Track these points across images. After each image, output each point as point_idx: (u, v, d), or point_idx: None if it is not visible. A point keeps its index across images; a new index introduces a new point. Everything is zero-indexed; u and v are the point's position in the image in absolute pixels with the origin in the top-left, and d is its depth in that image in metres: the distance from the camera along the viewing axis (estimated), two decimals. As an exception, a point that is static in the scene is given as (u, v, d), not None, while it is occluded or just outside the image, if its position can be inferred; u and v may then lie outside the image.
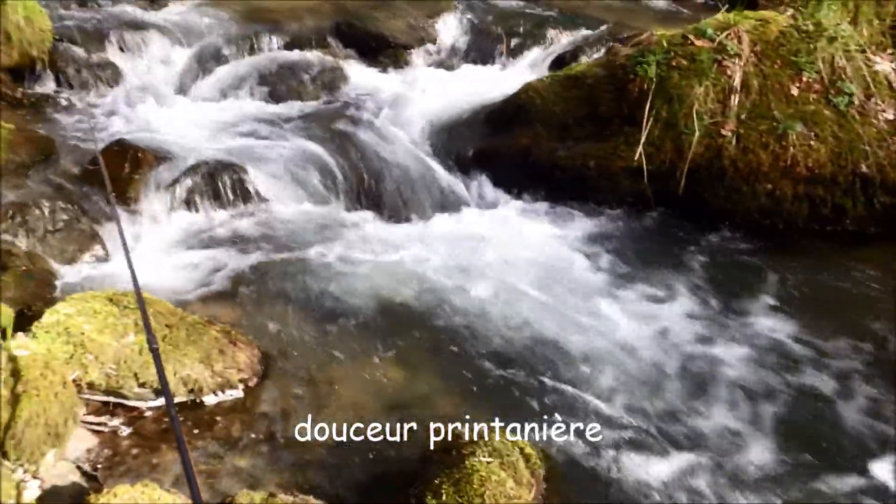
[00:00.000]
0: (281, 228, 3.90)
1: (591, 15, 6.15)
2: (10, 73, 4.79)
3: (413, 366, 3.01)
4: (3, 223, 3.46)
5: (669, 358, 3.08)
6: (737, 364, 3.06)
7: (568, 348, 3.11)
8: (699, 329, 3.26)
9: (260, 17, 5.87)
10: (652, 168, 4.06)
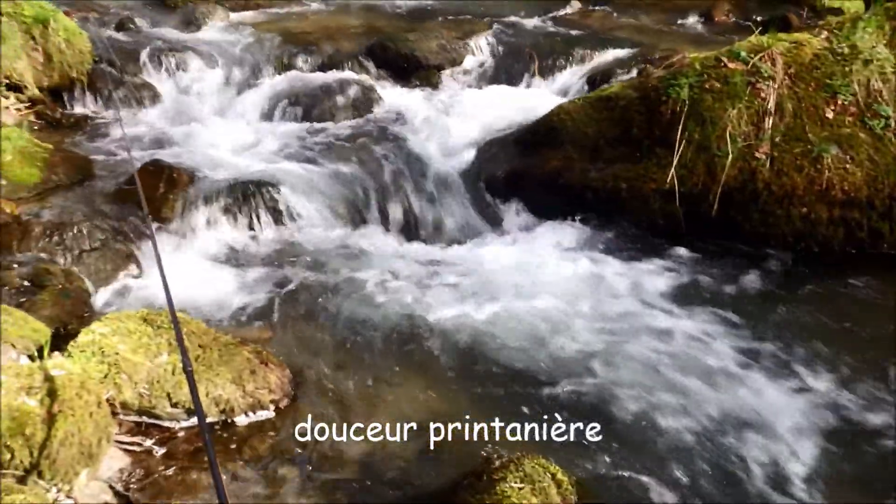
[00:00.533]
0: (312, 249, 3.92)
1: (622, 36, 6.15)
2: (50, 93, 4.91)
3: (444, 388, 3.00)
4: (41, 242, 3.53)
5: (710, 387, 3.02)
6: (781, 399, 2.98)
7: (593, 372, 3.07)
8: (731, 354, 3.20)
9: (294, 38, 5.95)
10: (684, 190, 4.03)
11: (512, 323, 3.36)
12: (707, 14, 6.70)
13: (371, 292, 3.56)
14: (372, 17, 6.62)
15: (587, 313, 3.49)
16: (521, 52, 5.93)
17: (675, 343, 3.28)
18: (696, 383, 3.00)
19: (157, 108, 5.10)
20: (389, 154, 4.64)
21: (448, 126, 5.01)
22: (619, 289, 3.72)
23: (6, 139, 3.93)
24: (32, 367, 2.41)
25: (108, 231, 3.70)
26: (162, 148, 4.56)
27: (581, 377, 3.04)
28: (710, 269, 3.87)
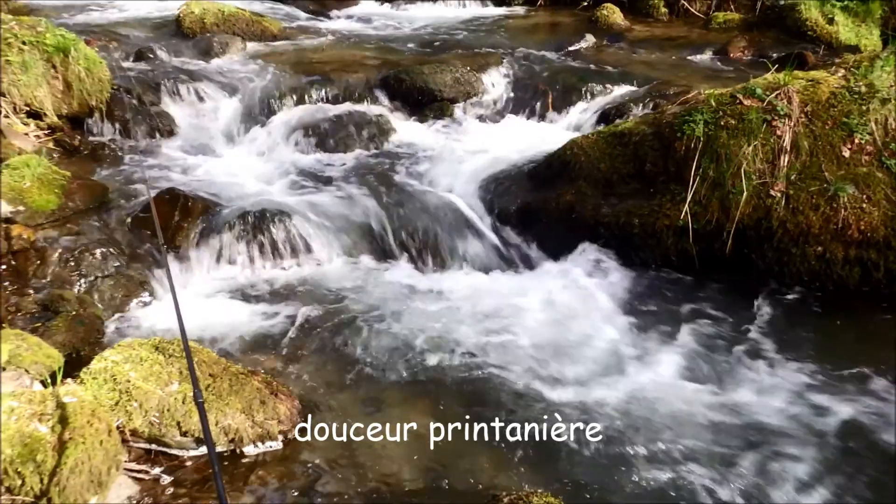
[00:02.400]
0: (324, 280, 3.93)
1: (636, 71, 6.17)
2: (69, 121, 4.97)
3: (452, 424, 2.96)
4: (57, 268, 3.55)
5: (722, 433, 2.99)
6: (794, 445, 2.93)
7: (601, 410, 3.04)
8: (740, 397, 3.16)
9: (310, 69, 5.99)
10: (698, 227, 4.01)
11: (524, 359, 3.34)
12: (722, 50, 6.72)
13: (382, 324, 3.55)
14: (387, 50, 6.68)
15: (596, 346, 3.48)
16: (535, 86, 5.96)
17: (684, 383, 3.25)
18: (707, 423, 2.97)
19: (174, 137, 5.15)
20: (402, 186, 4.66)
21: (461, 159, 5.03)
22: (627, 324, 3.69)
23: (26, 166, 3.97)
24: (45, 394, 2.41)
25: (123, 258, 3.73)
26: (178, 176, 4.60)
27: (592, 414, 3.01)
28: (723, 306, 3.84)
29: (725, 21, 7.62)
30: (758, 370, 3.32)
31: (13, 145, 4.39)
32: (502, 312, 3.69)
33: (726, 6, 8.03)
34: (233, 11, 6.77)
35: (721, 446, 2.86)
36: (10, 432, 2.20)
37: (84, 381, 2.64)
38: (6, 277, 3.50)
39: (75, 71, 4.84)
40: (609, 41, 7.16)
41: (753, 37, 6.87)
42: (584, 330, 3.56)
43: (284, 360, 3.32)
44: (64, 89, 4.85)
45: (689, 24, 7.86)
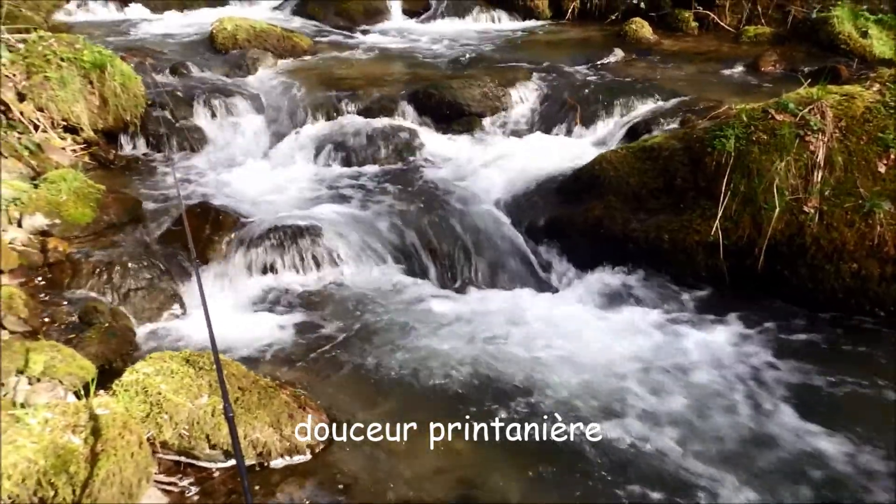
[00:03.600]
0: (352, 293, 3.94)
1: (665, 86, 6.13)
2: (104, 135, 5.07)
3: (478, 439, 2.95)
4: (91, 280, 3.61)
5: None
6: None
7: (628, 434, 3.00)
8: (773, 421, 3.10)
9: (339, 84, 6.05)
10: (729, 243, 3.97)
11: (554, 374, 3.31)
12: (753, 64, 6.65)
13: (408, 337, 3.55)
14: (415, 65, 6.73)
15: (622, 362, 3.44)
16: (564, 101, 5.95)
17: (712, 398, 3.20)
18: (734, 446, 2.92)
19: (206, 151, 5.23)
20: (430, 200, 4.68)
21: (489, 173, 5.03)
22: (656, 341, 3.65)
23: (62, 180, 4.05)
24: (78, 406, 2.44)
25: (155, 271, 3.78)
26: (209, 190, 4.66)
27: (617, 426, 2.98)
28: (754, 324, 3.78)
29: (756, 35, 7.55)
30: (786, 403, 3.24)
31: (51, 159, 4.48)
32: (530, 326, 3.67)
33: (757, 20, 7.96)
34: (264, 28, 6.86)
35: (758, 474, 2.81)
36: (43, 443, 2.24)
37: (116, 392, 2.68)
38: (42, 289, 3.56)
39: (111, 87, 4.93)
40: (638, 55, 7.13)
41: (785, 51, 6.80)
42: (614, 347, 3.53)
43: (312, 373, 3.33)
44: (100, 104, 4.95)
45: (720, 38, 7.80)
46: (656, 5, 8.21)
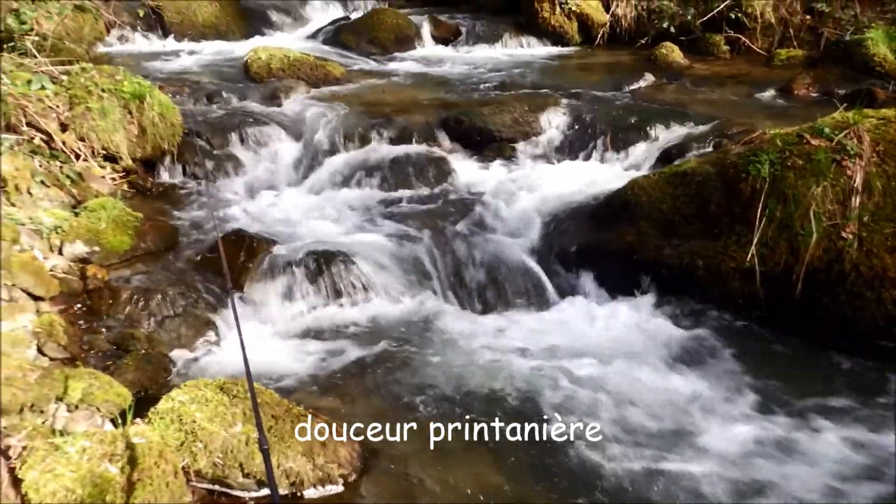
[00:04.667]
0: (384, 319, 3.95)
1: (697, 110, 6.10)
2: (142, 164, 5.17)
3: (513, 470, 2.93)
4: (128, 307, 3.67)
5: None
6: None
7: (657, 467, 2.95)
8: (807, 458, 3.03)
9: (371, 111, 6.10)
10: (765, 270, 3.92)
11: (588, 406, 3.28)
12: (786, 88, 6.60)
13: (441, 366, 3.54)
14: (446, 91, 6.77)
15: (657, 389, 3.41)
16: (594, 126, 5.94)
17: (751, 432, 3.14)
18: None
19: (241, 179, 5.30)
20: (462, 226, 4.69)
21: (520, 198, 5.03)
22: (690, 369, 3.61)
23: (102, 208, 4.14)
24: (115, 434, 2.47)
25: (190, 298, 3.83)
26: (243, 217, 4.72)
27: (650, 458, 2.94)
28: (791, 352, 3.73)
29: (788, 58, 7.50)
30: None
31: (91, 188, 4.58)
32: (563, 354, 3.65)
33: (789, 43, 7.91)
34: (297, 57, 6.97)
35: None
36: (81, 472, 2.27)
37: (152, 421, 2.71)
38: (81, 316, 3.63)
39: (150, 116, 5.04)
40: (668, 80, 7.12)
41: (818, 73, 6.74)
42: (647, 376, 3.49)
43: (344, 401, 3.33)
44: (139, 134, 5.06)
45: (751, 61, 7.76)
46: (686, 29, 8.20)
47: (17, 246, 3.74)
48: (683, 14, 8.19)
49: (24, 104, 4.67)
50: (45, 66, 5.14)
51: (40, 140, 4.71)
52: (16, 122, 4.64)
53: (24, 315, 3.35)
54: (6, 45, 5.43)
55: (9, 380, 2.69)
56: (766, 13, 7.92)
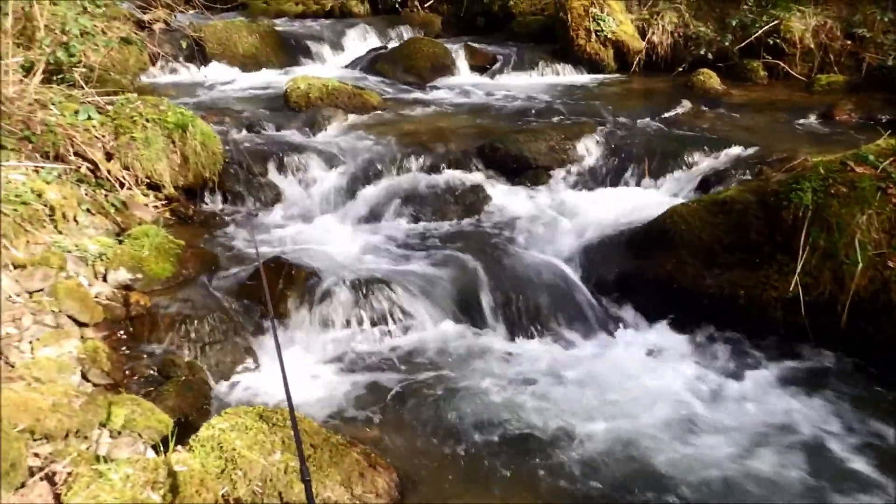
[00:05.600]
0: (422, 348, 3.95)
1: (736, 136, 6.04)
2: (184, 191, 5.26)
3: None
4: (169, 334, 3.72)
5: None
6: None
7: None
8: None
9: (408, 139, 6.15)
10: (809, 299, 3.85)
11: (629, 436, 3.23)
12: (827, 113, 6.51)
13: (480, 394, 3.53)
14: (482, 119, 6.81)
15: (697, 424, 3.35)
16: (631, 153, 5.92)
17: (795, 468, 3.07)
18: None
19: (280, 207, 5.37)
20: (498, 253, 4.68)
21: (557, 226, 5.02)
22: (734, 401, 3.55)
23: (145, 236, 4.22)
24: (157, 462, 2.50)
25: (230, 325, 3.87)
26: (282, 245, 4.77)
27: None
28: (837, 385, 3.64)
29: (829, 83, 7.41)
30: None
31: (135, 216, 4.68)
32: (603, 384, 3.61)
33: (829, 68, 7.82)
34: (336, 86, 7.07)
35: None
36: (125, 499, 2.29)
37: (193, 448, 2.73)
38: (124, 342, 3.68)
39: (192, 145, 5.15)
40: (706, 106, 7.07)
41: (860, 99, 6.65)
42: (692, 409, 3.43)
43: (382, 430, 3.33)
44: (181, 162, 5.16)
45: (790, 87, 7.68)
46: (723, 55, 8.16)
47: (63, 273, 3.82)
48: (721, 40, 8.15)
49: (71, 134, 4.80)
50: (91, 97, 5.28)
51: (87, 169, 4.83)
52: (64, 152, 4.76)
53: (70, 341, 3.41)
54: (55, 77, 5.60)
55: (55, 406, 2.74)
56: (805, 39, 7.84)
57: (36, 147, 4.63)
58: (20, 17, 5.66)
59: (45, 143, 4.64)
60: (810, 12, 7.95)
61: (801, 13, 7.94)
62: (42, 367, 3.12)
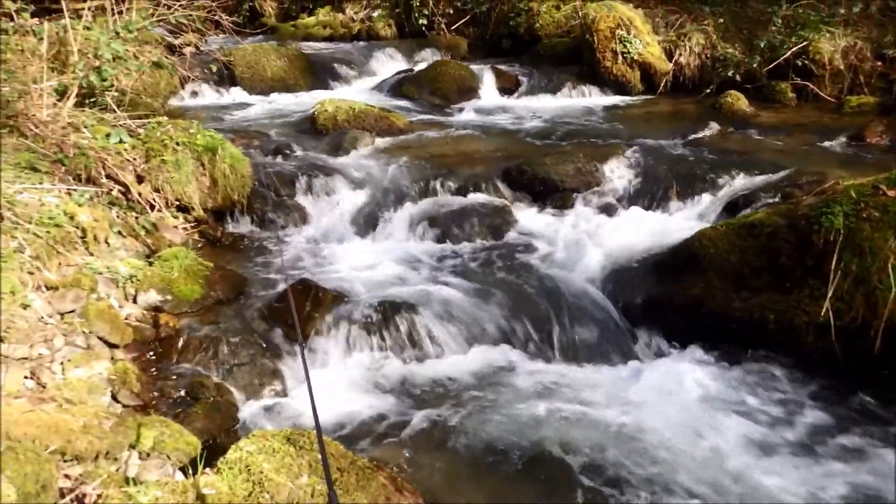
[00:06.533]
0: (448, 371, 3.94)
1: (764, 159, 6.00)
2: (213, 214, 5.33)
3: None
4: (198, 355, 3.76)
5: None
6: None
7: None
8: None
9: (434, 161, 6.18)
10: (841, 324, 3.79)
11: (656, 466, 3.19)
12: (857, 135, 6.44)
13: (508, 420, 3.50)
14: (508, 141, 6.83)
15: (728, 448, 3.30)
16: (658, 176, 5.89)
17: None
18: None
19: (307, 229, 5.41)
20: (524, 276, 4.67)
21: (583, 249, 5.00)
22: (764, 427, 3.49)
23: (175, 258, 4.27)
24: (186, 485, 2.51)
25: (257, 347, 3.89)
26: (310, 267, 4.80)
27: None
28: (873, 413, 3.56)
29: (859, 105, 7.34)
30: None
31: (164, 238, 4.74)
32: (634, 411, 3.57)
33: (859, 90, 7.74)
34: (363, 108, 7.14)
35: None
36: (154, 522, 2.31)
37: (221, 471, 2.73)
38: (153, 363, 3.72)
39: (221, 168, 5.21)
40: (734, 128, 7.03)
41: (891, 121, 6.57)
42: (719, 438, 3.38)
43: (409, 455, 3.32)
44: (210, 185, 5.23)
45: (820, 108, 7.61)
46: (751, 77, 8.12)
47: (94, 294, 3.88)
48: (748, 62, 8.11)
49: (103, 157, 4.89)
50: (123, 121, 5.38)
51: (118, 191, 4.91)
52: (96, 175, 4.84)
53: (100, 362, 3.45)
54: (88, 101, 5.72)
55: (86, 427, 2.77)
56: (834, 60, 7.78)
57: (69, 170, 4.72)
58: (54, 42, 5.81)
59: (78, 166, 4.73)
60: (840, 33, 7.89)
61: (831, 34, 7.88)
62: (73, 388, 3.16)
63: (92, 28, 6.37)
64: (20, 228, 3.90)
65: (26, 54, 5.50)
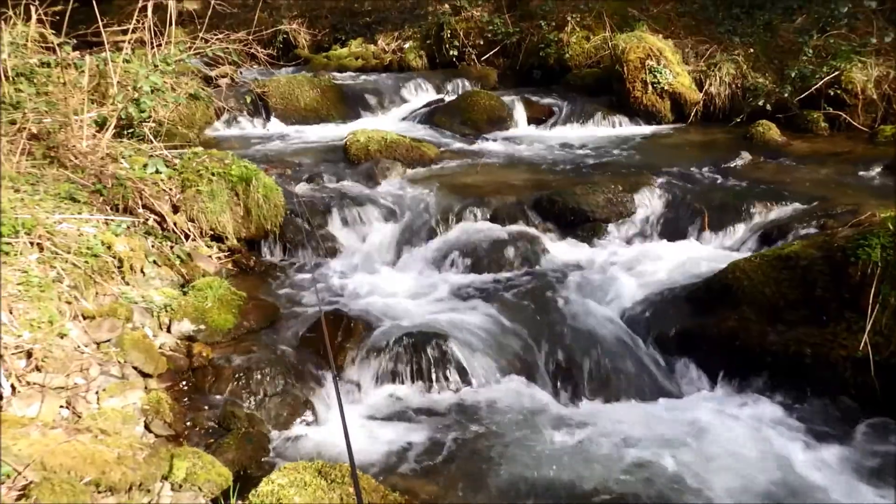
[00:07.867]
0: (479, 404, 3.91)
1: (798, 189, 5.94)
2: (246, 243, 5.40)
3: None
4: (230, 385, 3.78)
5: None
6: None
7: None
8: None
9: (465, 191, 6.21)
10: (880, 359, 3.70)
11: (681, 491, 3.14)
12: (892, 165, 6.36)
13: (539, 454, 3.47)
14: (539, 171, 6.84)
15: (776, 490, 3.23)
16: (690, 206, 5.86)
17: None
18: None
19: (339, 259, 5.46)
20: (556, 307, 4.65)
21: (615, 280, 4.97)
22: (799, 465, 3.41)
23: (209, 288, 4.33)
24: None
25: (289, 377, 3.91)
26: (342, 296, 4.83)
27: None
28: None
29: (893, 135, 7.25)
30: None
31: (199, 267, 4.81)
32: (671, 447, 3.51)
33: (893, 119, 7.65)
34: (394, 138, 7.21)
35: None
36: (187, 555, 2.31)
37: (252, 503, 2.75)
38: (186, 393, 3.76)
39: (255, 198, 5.29)
40: (766, 158, 6.97)
41: (928, 150, 6.48)
42: (753, 474, 3.31)
43: (438, 489, 3.29)
44: (244, 214, 5.30)
45: (853, 138, 7.53)
46: (783, 106, 8.06)
47: (129, 324, 3.94)
48: (780, 91, 8.07)
49: (140, 187, 4.99)
50: (160, 151, 5.50)
51: (154, 221, 5.00)
52: (133, 205, 4.95)
53: (134, 392, 3.49)
54: (126, 131, 5.86)
55: (120, 458, 2.79)
56: (867, 89, 7.71)
57: (106, 200, 4.82)
58: (95, 75, 5.97)
59: (116, 196, 4.84)
60: (872, 62, 7.82)
61: (863, 64, 7.82)
62: (108, 418, 3.20)
63: (132, 61, 6.55)
64: (59, 258, 3.99)
65: (68, 87, 5.66)
